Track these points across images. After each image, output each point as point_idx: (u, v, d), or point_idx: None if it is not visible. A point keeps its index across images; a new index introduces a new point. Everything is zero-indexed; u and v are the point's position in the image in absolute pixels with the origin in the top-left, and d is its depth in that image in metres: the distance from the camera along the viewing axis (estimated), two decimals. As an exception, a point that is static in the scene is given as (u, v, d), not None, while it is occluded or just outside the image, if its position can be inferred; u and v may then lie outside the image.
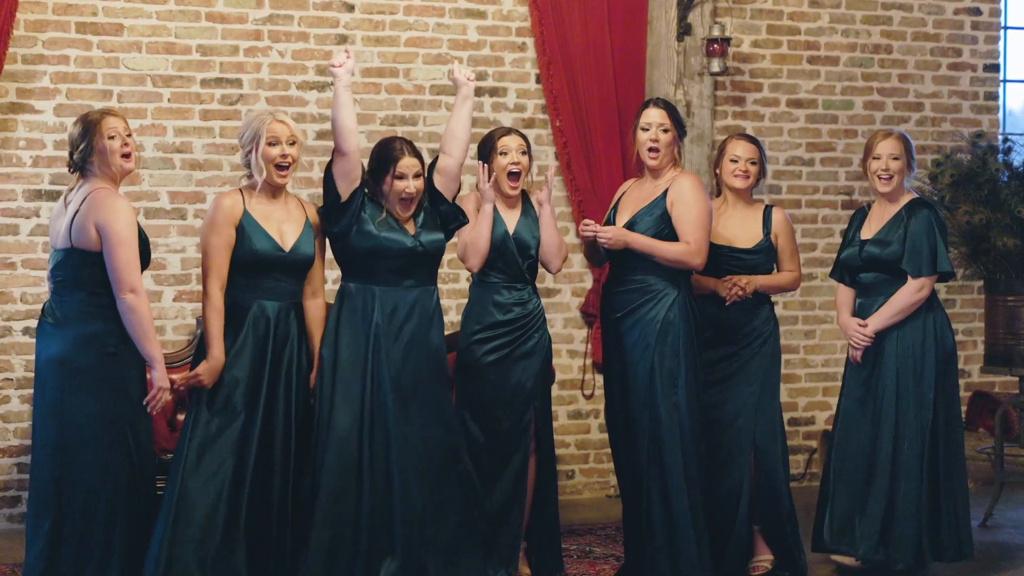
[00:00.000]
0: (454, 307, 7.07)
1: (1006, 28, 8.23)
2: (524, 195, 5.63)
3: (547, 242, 5.54)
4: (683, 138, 5.71)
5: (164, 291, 6.79)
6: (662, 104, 5.62)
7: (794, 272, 5.83)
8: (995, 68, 8.08)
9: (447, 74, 5.45)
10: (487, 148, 5.53)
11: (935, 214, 5.67)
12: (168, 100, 6.78)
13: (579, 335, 7.41)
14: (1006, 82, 8.24)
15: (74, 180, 4.97)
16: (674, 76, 7.30)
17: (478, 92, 7.16)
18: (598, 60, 7.24)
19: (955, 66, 8.00)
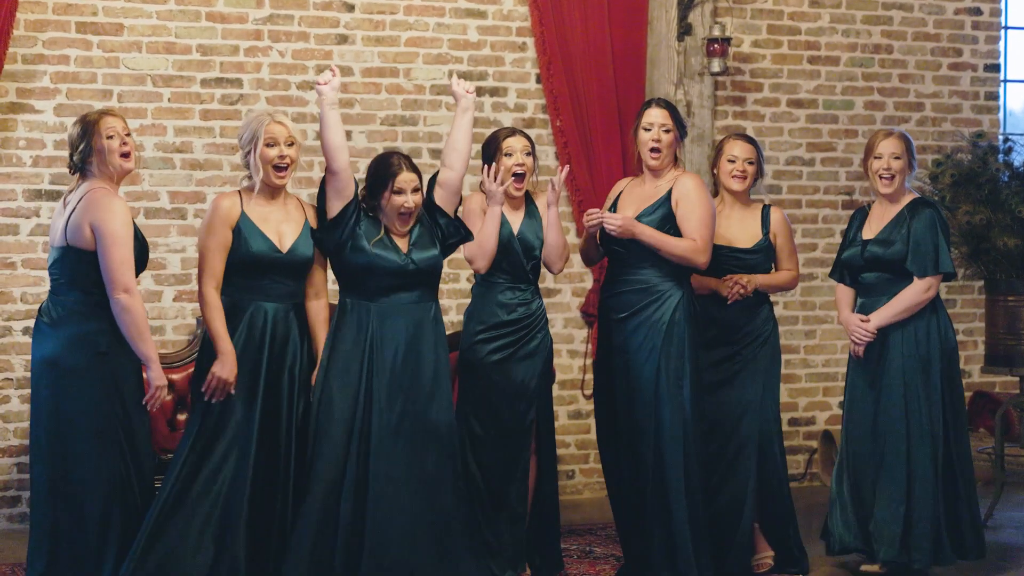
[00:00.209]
0: (454, 307, 7.07)
1: (1006, 28, 8.22)
2: (528, 196, 5.62)
3: (552, 243, 5.52)
4: (684, 138, 5.71)
5: (164, 291, 6.78)
6: (664, 104, 5.62)
7: (792, 271, 5.85)
8: (995, 68, 8.08)
9: (448, 88, 5.42)
10: (491, 149, 5.52)
11: (938, 214, 5.67)
12: (168, 100, 6.78)
13: (579, 335, 7.41)
14: (1006, 82, 8.24)
15: (74, 181, 4.96)
16: (674, 76, 7.29)
17: (478, 92, 7.12)
18: (598, 60, 7.24)
19: (955, 66, 8.00)
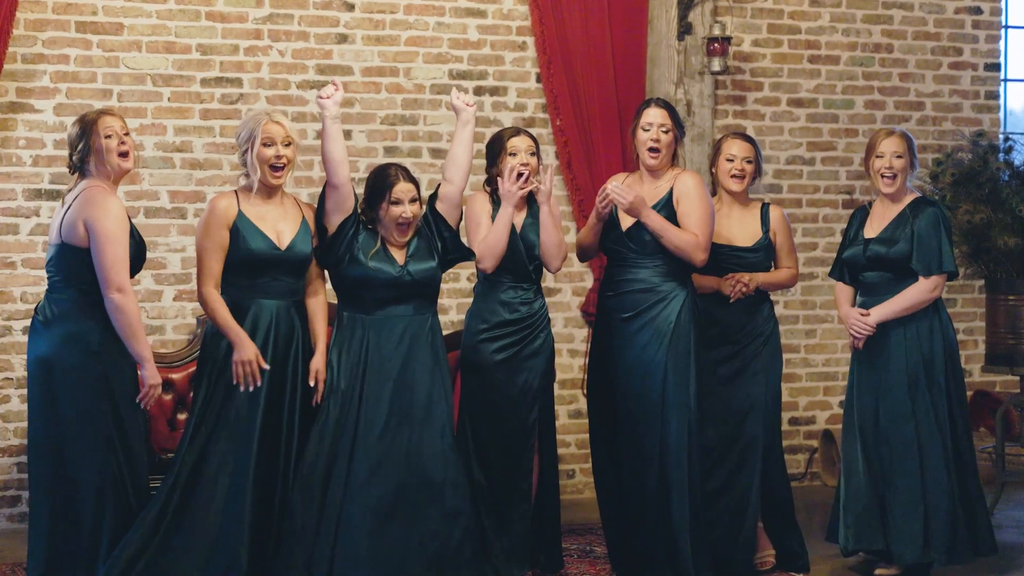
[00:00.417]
0: (455, 306, 7.07)
1: (1007, 27, 8.22)
2: (531, 196, 5.61)
3: (545, 241, 5.49)
4: (682, 138, 5.69)
5: (164, 291, 6.78)
6: (662, 104, 5.61)
7: (792, 269, 5.85)
8: (996, 67, 8.07)
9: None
10: (496, 149, 5.51)
11: (941, 212, 5.66)
12: (168, 99, 6.77)
13: (579, 335, 7.40)
14: (1007, 81, 8.23)
15: (73, 180, 4.96)
16: (675, 75, 7.29)
17: (479, 92, 7.16)
18: (598, 59, 7.23)
19: (956, 65, 7.99)
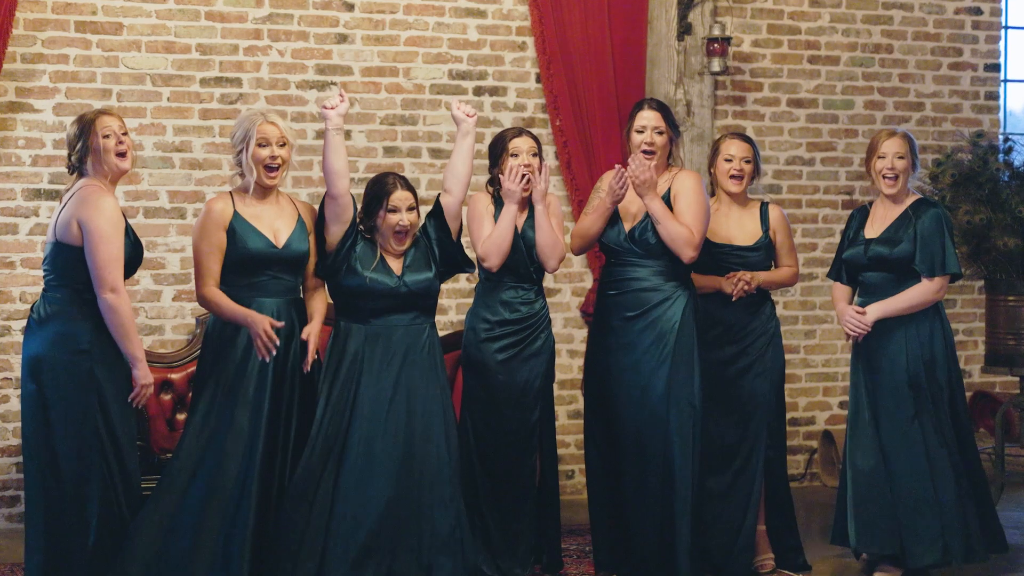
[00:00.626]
0: (455, 306, 7.07)
1: (1007, 28, 8.22)
2: (532, 196, 5.61)
3: (540, 240, 5.46)
4: (678, 139, 5.67)
5: (164, 291, 6.77)
6: (656, 105, 5.60)
7: (792, 267, 5.86)
8: (996, 68, 8.07)
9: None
10: (498, 149, 5.51)
11: (944, 213, 5.65)
12: (168, 99, 6.77)
13: (579, 335, 7.40)
14: (1007, 82, 8.23)
15: (72, 180, 4.96)
16: (674, 75, 7.29)
17: (478, 92, 7.16)
18: (598, 59, 7.23)
19: (956, 66, 7.99)
